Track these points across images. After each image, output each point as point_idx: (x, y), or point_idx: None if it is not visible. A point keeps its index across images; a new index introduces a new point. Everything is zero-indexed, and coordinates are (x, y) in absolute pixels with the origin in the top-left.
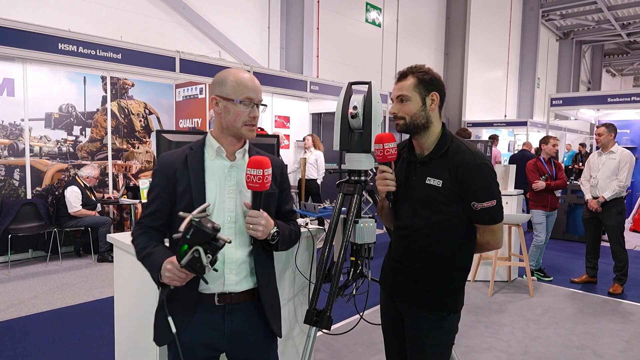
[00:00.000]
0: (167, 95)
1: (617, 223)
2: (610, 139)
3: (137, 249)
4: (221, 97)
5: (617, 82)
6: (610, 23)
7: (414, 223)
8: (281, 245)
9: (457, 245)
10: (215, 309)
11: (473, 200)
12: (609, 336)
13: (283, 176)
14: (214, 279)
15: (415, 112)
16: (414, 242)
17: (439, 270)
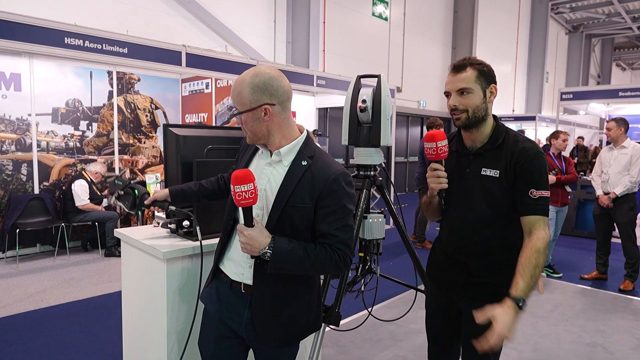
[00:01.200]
0: (173, 90)
1: (628, 219)
2: (620, 133)
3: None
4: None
5: (628, 76)
6: (621, 16)
7: (468, 216)
8: (274, 266)
9: (514, 238)
10: (241, 294)
11: (532, 187)
12: (621, 333)
13: (327, 191)
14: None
15: (478, 104)
16: (469, 236)
17: (496, 263)
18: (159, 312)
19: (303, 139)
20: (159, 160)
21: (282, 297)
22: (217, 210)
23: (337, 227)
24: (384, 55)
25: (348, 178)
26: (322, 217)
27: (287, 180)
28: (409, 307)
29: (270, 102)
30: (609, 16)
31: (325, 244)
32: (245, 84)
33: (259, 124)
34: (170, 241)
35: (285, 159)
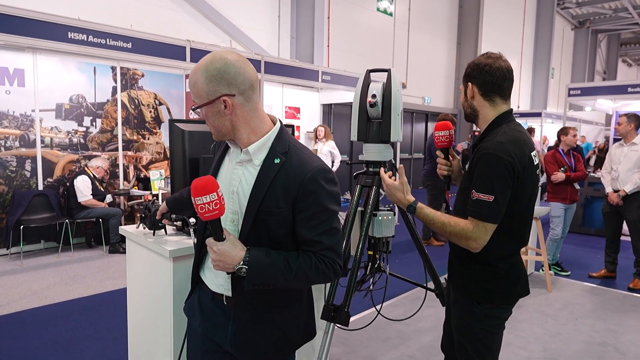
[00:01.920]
0: (177, 86)
1: (638, 217)
2: (629, 129)
3: None
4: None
5: (634, 72)
6: (628, 11)
7: (457, 210)
8: (251, 282)
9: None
10: (223, 307)
11: (473, 188)
12: (632, 333)
13: (304, 192)
14: (215, 278)
15: (463, 102)
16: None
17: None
18: (165, 310)
19: (275, 133)
20: (163, 157)
21: (266, 310)
22: None
23: (319, 232)
24: (388, 51)
25: (328, 175)
26: (302, 222)
27: (259, 182)
28: (415, 305)
29: (228, 93)
30: (615, 11)
31: (309, 251)
32: (200, 73)
33: (221, 119)
34: (177, 239)
35: (255, 157)
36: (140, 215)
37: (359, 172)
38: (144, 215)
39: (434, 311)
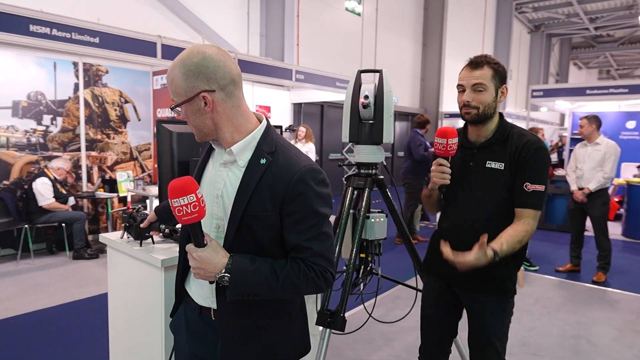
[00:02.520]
0: (144, 83)
1: (601, 213)
2: (592, 130)
3: None
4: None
5: (583, 74)
6: (579, 17)
7: (473, 209)
8: (234, 292)
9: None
10: (212, 322)
11: (527, 181)
12: (601, 325)
13: (292, 194)
14: (200, 291)
15: (490, 102)
16: (474, 229)
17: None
18: (155, 324)
19: (261, 132)
20: (130, 157)
21: (254, 323)
22: None
23: (309, 237)
24: (357, 50)
25: (319, 175)
26: (290, 226)
27: (244, 184)
28: (397, 304)
29: (207, 89)
30: (568, 17)
31: (298, 258)
32: (177, 69)
33: (202, 117)
34: (166, 247)
35: (240, 158)
36: (124, 225)
37: (350, 173)
38: (128, 224)
39: (416, 310)
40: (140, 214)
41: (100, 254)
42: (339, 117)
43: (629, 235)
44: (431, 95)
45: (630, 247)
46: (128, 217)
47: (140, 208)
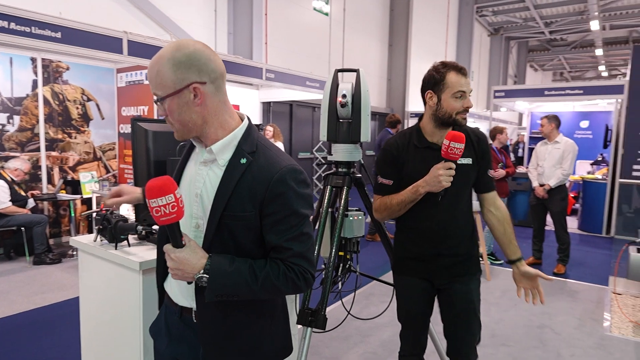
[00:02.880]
0: (108, 81)
1: (561, 208)
2: (551, 129)
3: None
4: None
5: (539, 76)
6: (535, 21)
7: (455, 205)
8: (212, 294)
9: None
10: (193, 324)
11: (488, 167)
12: (563, 314)
13: (271, 195)
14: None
15: (470, 106)
16: (456, 222)
17: (471, 238)
18: (133, 330)
19: (243, 130)
20: (93, 157)
21: (235, 324)
22: None
23: (289, 237)
24: (325, 49)
25: (299, 176)
26: (270, 227)
27: (224, 183)
28: (370, 300)
29: (199, 80)
30: (525, 21)
31: (278, 259)
32: (165, 60)
33: (188, 111)
34: (143, 249)
35: (220, 157)
36: (98, 227)
37: (328, 172)
38: (102, 227)
39: (391, 306)
40: (115, 215)
41: (63, 259)
42: (308, 116)
43: (584, 228)
44: (397, 95)
45: (586, 240)
46: (102, 219)
47: (114, 209)
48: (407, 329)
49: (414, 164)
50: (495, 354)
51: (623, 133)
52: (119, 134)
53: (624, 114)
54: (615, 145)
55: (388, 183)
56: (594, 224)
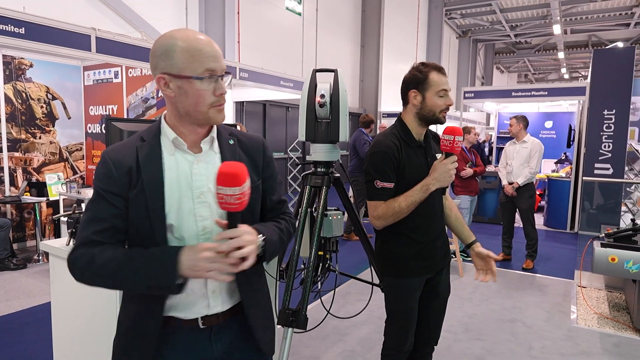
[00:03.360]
0: (74, 79)
1: (528, 205)
2: (519, 128)
3: (107, 261)
4: (171, 75)
5: (505, 78)
6: (502, 24)
7: (439, 199)
8: (270, 256)
9: None
10: (199, 333)
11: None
12: (533, 308)
13: (266, 160)
14: (195, 302)
15: (450, 105)
16: (442, 213)
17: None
18: (110, 335)
19: None
20: (59, 158)
21: (264, 298)
22: None
23: (279, 192)
24: (297, 49)
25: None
26: (270, 188)
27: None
28: (347, 299)
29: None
30: (492, 24)
31: (280, 213)
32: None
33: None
34: None
35: (212, 146)
36: (70, 231)
37: (307, 172)
38: (74, 230)
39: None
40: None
41: (29, 264)
42: (281, 116)
43: (549, 225)
44: (370, 95)
45: (551, 236)
46: (75, 222)
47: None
48: (402, 328)
49: (412, 164)
50: (471, 348)
51: (585, 133)
52: (87, 134)
53: (585, 115)
54: (578, 144)
55: (390, 186)
56: (558, 220)
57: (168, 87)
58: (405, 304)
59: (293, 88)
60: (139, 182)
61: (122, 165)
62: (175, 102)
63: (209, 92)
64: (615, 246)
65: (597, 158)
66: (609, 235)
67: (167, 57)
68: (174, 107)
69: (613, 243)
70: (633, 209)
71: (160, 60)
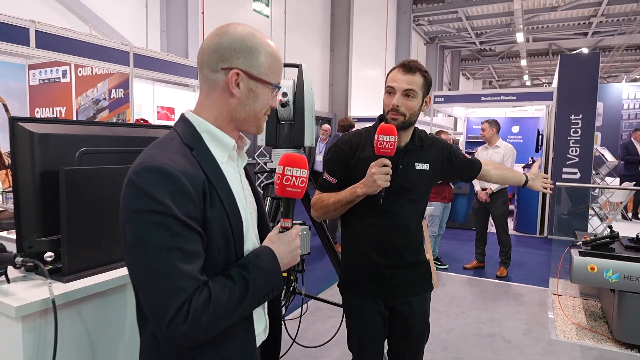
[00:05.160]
0: (18, 78)
1: (502, 212)
2: (492, 133)
3: (228, 296)
4: (248, 75)
5: (471, 84)
6: (467, 32)
7: (407, 212)
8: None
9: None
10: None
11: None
12: (511, 320)
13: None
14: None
15: (416, 110)
16: (408, 229)
17: (421, 254)
18: None
19: None
20: (0, 165)
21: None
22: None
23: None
24: None
25: None
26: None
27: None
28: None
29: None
30: (458, 31)
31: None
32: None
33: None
34: (26, 286)
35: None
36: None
37: (268, 182)
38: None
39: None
40: None
41: None
42: None
43: (519, 229)
44: (340, 100)
45: (522, 241)
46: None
47: None
48: (359, 355)
49: (367, 166)
50: None
51: (553, 137)
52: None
53: (553, 120)
54: (547, 149)
55: (332, 181)
56: (528, 224)
57: (237, 86)
58: (357, 325)
59: None
60: (216, 198)
61: (195, 179)
62: (237, 103)
63: (270, 102)
64: (593, 254)
65: (564, 162)
66: (586, 243)
67: (249, 55)
68: (228, 109)
69: (591, 251)
70: (600, 212)
71: (240, 55)
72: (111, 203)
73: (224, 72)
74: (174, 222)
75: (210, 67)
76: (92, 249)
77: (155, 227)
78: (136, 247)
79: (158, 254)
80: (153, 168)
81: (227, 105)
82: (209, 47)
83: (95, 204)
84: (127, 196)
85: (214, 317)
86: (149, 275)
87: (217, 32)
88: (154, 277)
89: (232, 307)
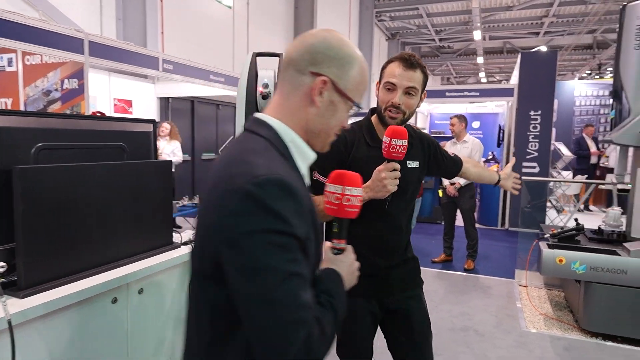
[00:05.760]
0: None
1: (470, 206)
2: (462, 128)
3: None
4: (336, 86)
5: (430, 80)
6: (428, 28)
7: (402, 211)
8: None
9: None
10: None
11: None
12: (481, 313)
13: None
14: None
15: (414, 108)
16: (402, 228)
17: (409, 251)
18: None
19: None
20: None
21: None
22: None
23: None
24: (229, 44)
25: None
26: None
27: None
28: None
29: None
30: (419, 27)
31: None
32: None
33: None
34: None
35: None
36: None
37: None
38: None
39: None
40: None
41: None
42: (211, 114)
43: (482, 222)
44: None
45: (486, 234)
46: None
47: None
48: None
49: (363, 165)
50: None
51: (514, 133)
52: None
53: (514, 115)
54: (508, 144)
55: (323, 181)
56: (490, 217)
57: (320, 95)
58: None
59: (224, 84)
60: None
61: (307, 195)
62: (315, 114)
63: (344, 121)
64: (561, 247)
65: (524, 157)
66: (553, 235)
67: (342, 67)
68: (306, 118)
69: (558, 243)
70: (557, 205)
71: (332, 64)
72: (73, 206)
73: (311, 76)
74: (295, 245)
75: (298, 66)
76: (53, 259)
77: (278, 250)
78: (255, 273)
79: (281, 281)
80: (278, 182)
81: (305, 114)
82: (302, 46)
83: (56, 207)
84: (241, 212)
85: (325, 348)
86: (270, 305)
87: (314, 33)
88: (276, 308)
89: (332, 337)
